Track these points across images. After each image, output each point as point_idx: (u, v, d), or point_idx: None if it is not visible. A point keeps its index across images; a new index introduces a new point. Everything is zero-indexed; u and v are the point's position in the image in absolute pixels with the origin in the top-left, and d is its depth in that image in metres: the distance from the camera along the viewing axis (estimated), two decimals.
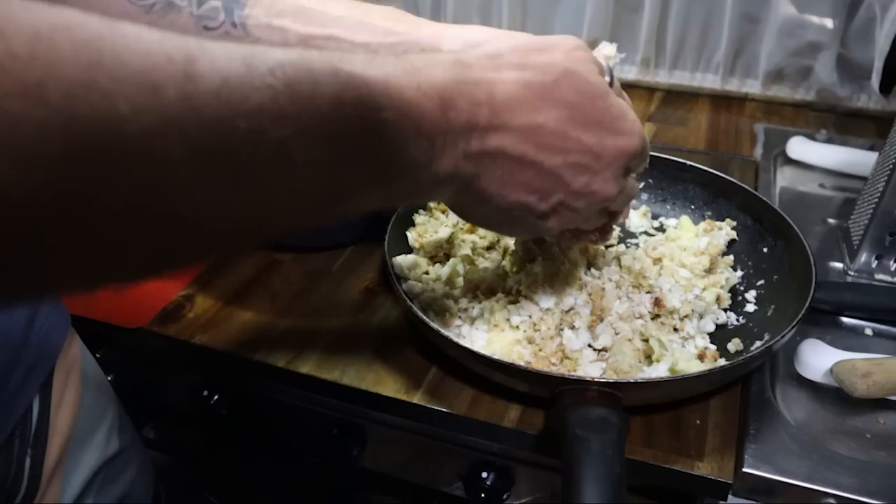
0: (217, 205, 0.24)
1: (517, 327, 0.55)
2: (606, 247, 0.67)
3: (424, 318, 0.53)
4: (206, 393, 0.69)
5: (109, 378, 0.71)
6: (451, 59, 0.35)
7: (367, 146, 0.30)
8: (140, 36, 0.21)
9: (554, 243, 0.60)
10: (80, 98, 0.19)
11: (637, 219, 0.72)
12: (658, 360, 0.53)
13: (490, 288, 0.59)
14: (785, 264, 0.61)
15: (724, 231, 0.67)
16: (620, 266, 0.60)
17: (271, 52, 0.26)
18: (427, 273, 0.63)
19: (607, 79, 0.43)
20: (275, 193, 0.26)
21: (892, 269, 0.66)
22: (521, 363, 0.52)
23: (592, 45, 0.52)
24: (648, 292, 0.59)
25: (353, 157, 0.29)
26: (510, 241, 0.63)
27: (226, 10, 0.44)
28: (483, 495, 0.59)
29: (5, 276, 0.20)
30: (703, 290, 0.61)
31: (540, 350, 0.54)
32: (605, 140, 0.40)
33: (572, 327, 0.55)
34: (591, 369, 0.53)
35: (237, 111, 0.23)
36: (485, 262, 0.64)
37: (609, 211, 0.47)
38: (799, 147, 0.84)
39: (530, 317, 0.55)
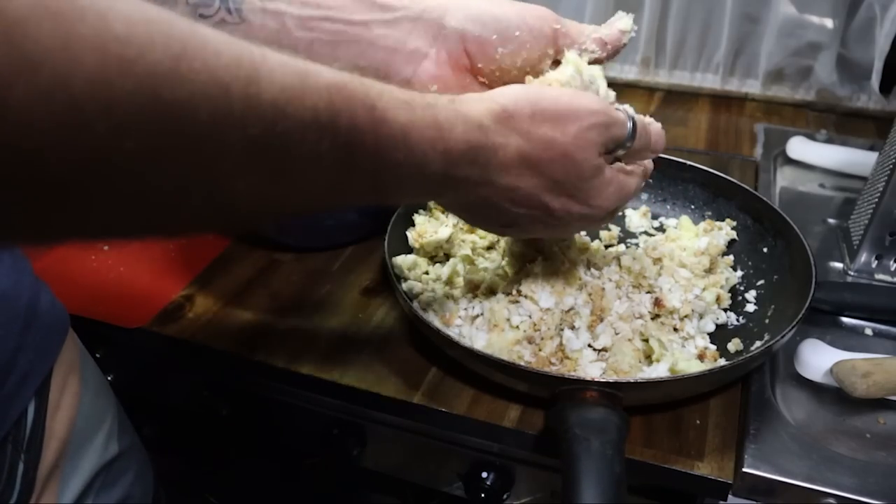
0: (250, 191, 0.28)
1: (517, 327, 0.55)
2: (606, 247, 0.67)
3: (424, 318, 0.53)
4: (206, 393, 0.69)
5: (109, 378, 0.71)
6: (476, 124, 0.39)
7: (378, 174, 0.35)
8: (215, 37, 0.25)
9: (553, 243, 0.60)
10: (162, 81, 0.22)
11: (637, 219, 0.72)
12: (658, 360, 0.53)
13: (490, 288, 0.59)
14: (785, 264, 0.61)
15: (724, 231, 0.67)
16: (620, 266, 0.60)
17: (322, 69, 0.30)
18: (427, 273, 0.63)
19: (629, 126, 0.45)
20: (298, 189, 0.31)
21: (892, 269, 0.66)
22: (521, 363, 0.52)
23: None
24: (648, 292, 0.59)
25: (366, 176, 0.34)
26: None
27: None
28: (483, 495, 0.59)
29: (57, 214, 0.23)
30: (703, 290, 0.61)
31: (540, 350, 0.54)
32: (571, 208, 0.45)
33: (572, 327, 0.55)
34: (591, 369, 0.53)
35: (288, 120, 0.27)
36: (485, 262, 0.64)
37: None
38: (799, 147, 0.84)
39: (530, 317, 0.55)
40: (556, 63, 0.50)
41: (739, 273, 0.65)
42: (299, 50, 0.46)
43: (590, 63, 0.49)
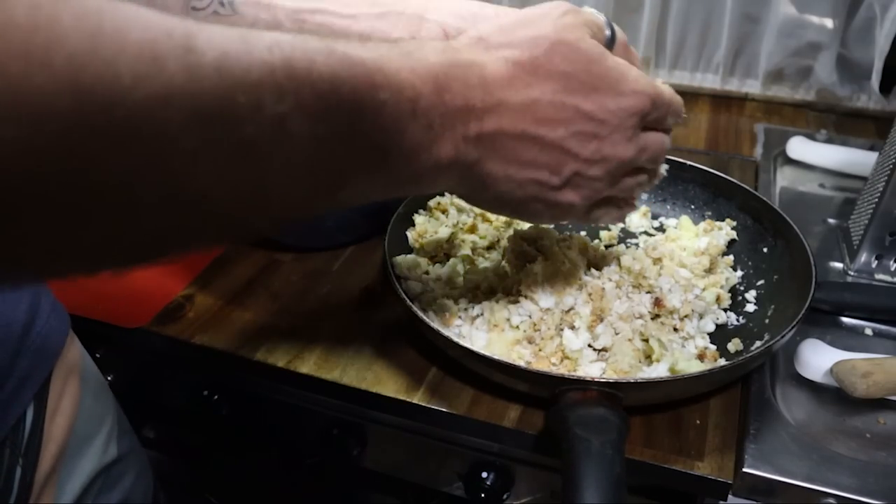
0: (218, 179, 0.25)
1: (517, 327, 0.55)
2: (606, 247, 0.67)
3: (424, 318, 0.53)
4: (206, 393, 0.69)
5: (109, 378, 0.71)
6: (441, 44, 0.36)
7: (365, 125, 0.30)
8: (138, 12, 0.22)
9: (553, 243, 0.60)
10: (83, 65, 0.19)
11: (637, 219, 0.72)
12: (658, 360, 0.53)
13: (490, 288, 0.59)
14: (785, 264, 0.61)
15: (724, 231, 0.67)
16: (620, 266, 0.60)
17: (267, 33, 0.26)
18: (427, 273, 0.63)
19: (607, 32, 0.43)
20: (275, 170, 0.27)
21: (892, 269, 0.66)
22: (521, 363, 0.52)
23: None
24: (648, 292, 0.59)
25: (352, 136, 0.30)
26: None
27: None
28: (483, 495, 0.59)
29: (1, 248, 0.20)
30: (703, 290, 0.61)
31: (540, 350, 0.54)
32: (607, 103, 0.39)
33: (572, 327, 0.55)
34: (591, 369, 0.53)
35: (237, 85, 0.24)
36: (485, 262, 0.64)
37: (643, 169, 0.46)
38: (799, 147, 0.84)
39: (530, 317, 0.55)
40: None
41: (739, 273, 0.65)
42: None
43: None
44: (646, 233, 0.71)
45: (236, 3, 0.45)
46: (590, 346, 0.55)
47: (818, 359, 0.54)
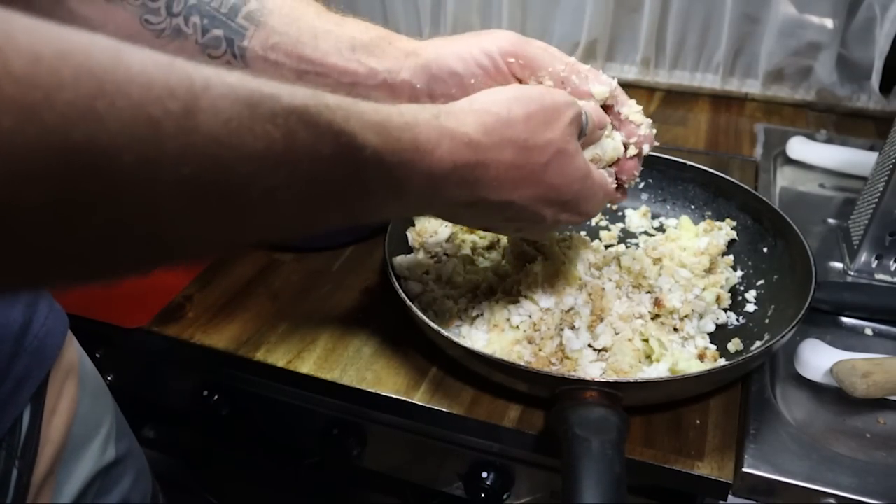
0: (199, 235, 0.25)
1: (517, 327, 0.55)
2: (606, 247, 0.67)
3: (424, 318, 0.53)
4: (206, 393, 0.69)
5: (109, 378, 0.71)
6: (466, 139, 0.37)
7: (350, 203, 0.32)
8: (145, 66, 0.22)
9: (553, 243, 0.60)
10: (76, 124, 0.19)
11: (637, 219, 0.72)
12: (658, 360, 0.53)
13: (490, 288, 0.59)
14: (785, 264, 0.61)
15: (724, 231, 0.67)
16: (620, 266, 0.60)
17: (279, 94, 0.26)
18: (427, 273, 0.63)
19: (584, 120, 0.45)
20: (255, 228, 0.28)
21: (892, 269, 0.66)
22: (521, 363, 0.52)
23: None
24: (648, 292, 0.59)
25: (335, 207, 0.31)
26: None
27: (227, 40, 0.46)
28: (483, 495, 0.59)
29: None
30: (703, 290, 0.61)
31: (540, 350, 0.54)
32: (561, 216, 0.46)
33: (572, 327, 0.55)
34: (591, 369, 0.53)
35: (234, 154, 0.24)
36: (485, 262, 0.64)
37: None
38: (799, 147, 0.84)
39: (530, 317, 0.55)
40: None
41: (739, 273, 0.65)
42: None
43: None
44: (646, 233, 0.71)
45: (247, 57, 0.46)
46: (590, 346, 0.55)
47: (818, 359, 0.54)
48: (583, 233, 0.69)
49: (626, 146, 0.51)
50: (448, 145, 0.36)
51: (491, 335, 0.55)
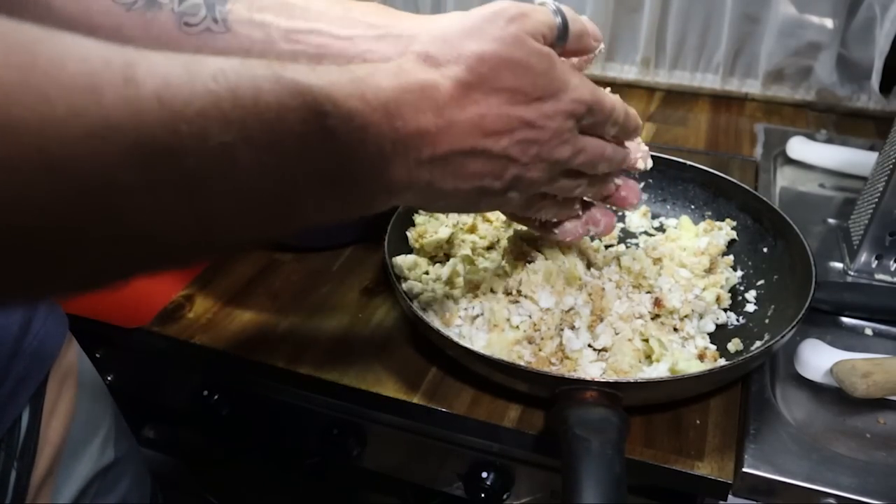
0: (164, 212, 0.24)
1: (517, 327, 0.55)
2: (606, 247, 0.67)
3: (424, 318, 0.53)
4: (206, 393, 0.69)
5: (109, 378, 0.71)
6: (394, 66, 0.36)
7: (314, 154, 0.30)
8: (76, 42, 0.21)
9: (553, 243, 0.60)
10: (13, 99, 0.19)
11: (637, 219, 0.72)
12: (658, 360, 0.53)
13: (490, 288, 0.59)
14: (785, 264, 0.61)
15: (724, 231, 0.67)
16: (620, 266, 0.60)
17: (211, 59, 0.26)
18: (427, 273, 0.63)
19: (558, 20, 0.42)
20: (223, 200, 0.26)
21: (892, 269, 0.66)
22: (521, 363, 0.52)
23: None
24: (648, 292, 0.59)
25: (301, 165, 0.29)
26: None
27: (207, 5, 0.44)
28: (483, 495, 0.59)
29: None
30: (703, 290, 0.61)
31: (540, 350, 0.54)
32: (545, 108, 0.41)
33: (572, 327, 0.55)
34: (591, 369, 0.53)
35: (179, 115, 0.23)
36: (485, 262, 0.64)
37: (582, 174, 0.47)
38: (799, 147, 0.84)
39: (530, 317, 0.55)
40: None
41: (739, 273, 0.65)
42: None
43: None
44: (646, 233, 0.71)
45: (230, 20, 0.44)
46: (590, 346, 0.55)
47: (818, 359, 0.54)
48: None
49: None
50: (383, 74, 0.34)
51: (491, 335, 0.55)
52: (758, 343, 0.55)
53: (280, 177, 0.28)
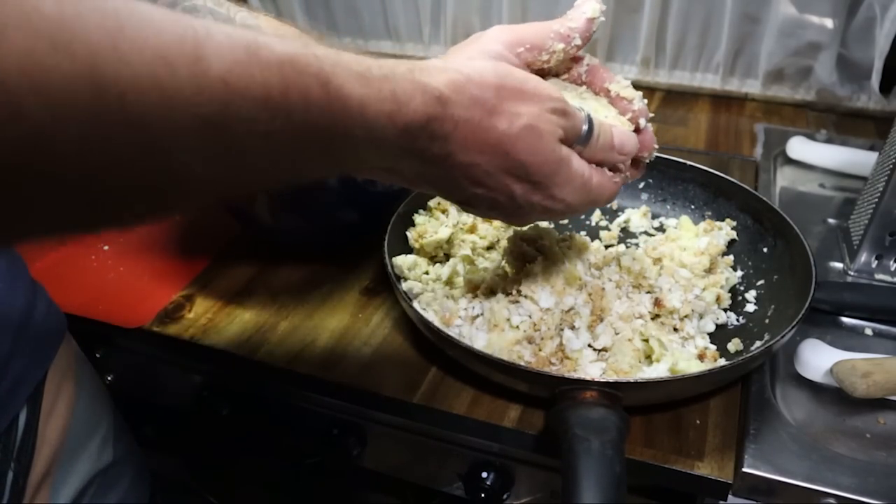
0: (205, 170, 0.27)
1: (517, 327, 0.55)
2: (606, 247, 0.67)
3: (424, 318, 0.53)
4: (206, 393, 0.69)
5: (109, 378, 0.71)
6: (437, 93, 0.37)
7: (335, 153, 0.33)
8: (153, 14, 0.24)
9: (553, 243, 0.60)
10: (104, 59, 0.21)
11: (637, 219, 0.72)
12: (658, 360, 0.53)
13: (490, 288, 0.59)
14: (785, 264, 0.61)
15: (724, 231, 0.67)
16: (620, 266, 0.60)
17: (271, 44, 0.28)
18: (427, 273, 0.63)
19: (584, 128, 0.44)
20: (251, 173, 0.30)
21: (892, 269, 0.66)
22: (521, 363, 0.52)
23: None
24: (648, 292, 0.59)
25: (322, 156, 0.33)
26: None
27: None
28: (483, 495, 0.59)
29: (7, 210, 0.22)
30: (703, 290, 0.61)
31: (540, 350, 0.54)
32: (532, 197, 0.43)
33: (572, 327, 0.55)
34: (591, 369, 0.53)
35: (239, 98, 0.26)
36: (485, 262, 0.64)
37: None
38: (799, 147, 0.84)
39: (530, 317, 0.55)
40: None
41: (739, 273, 0.65)
42: None
43: (563, 56, 0.48)
44: (646, 233, 0.71)
45: (236, 21, 0.46)
46: (590, 346, 0.55)
47: (818, 359, 0.54)
48: (583, 233, 0.69)
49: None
50: (421, 98, 0.36)
51: (491, 335, 0.55)
52: (758, 343, 0.55)
53: (310, 155, 0.32)
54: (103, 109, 0.21)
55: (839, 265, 0.68)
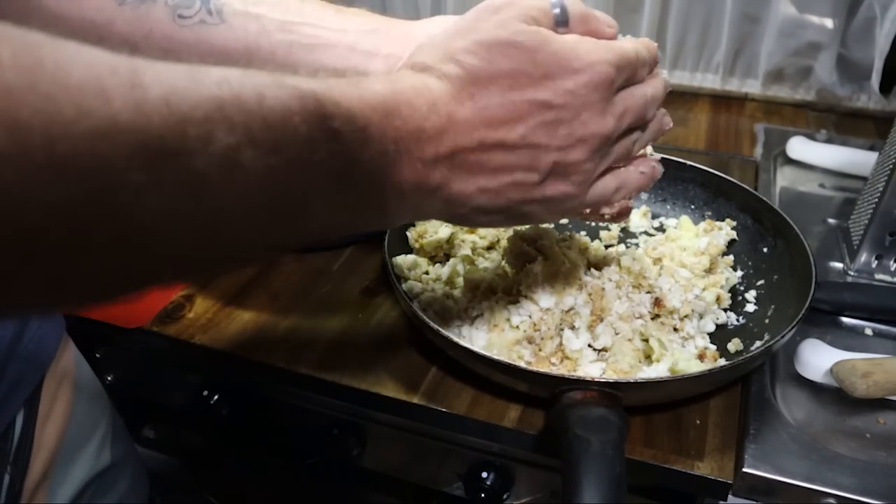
0: (171, 213, 0.24)
1: (517, 327, 0.55)
2: (606, 247, 0.67)
3: (424, 318, 0.53)
4: (206, 393, 0.69)
5: (109, 378, 0.71)
6: (386, 75, 0.36)
7: (318, 154, 0.29)
8: (81, 49, 0.21)
9: (553, 243, 0.60)
10: (20, 101, 0.19)
11: (637, 219, 0.72)
12: (658, 360, 0.53)
13: (490, 288, 0.59)
14: (785, 264, 0.61)
15: (724, 231, 0.67)
16: (620, 266, 0.60)
17: (214, 68, 0.26)
18: (427, 273, 0.63)
19: (556, 11, 0.40)
20: (229, 201, 0.26)
21: (892, 269, 0.66)
22: (521, 363, 0.52)
23: None
24: (648, 292, 0.59)
25: (307, 167, 0.29)
26: None
27: None
28: (483, 495, 0.59)
29: None
30: (703, 290, 0.61)
31: (540, 350, 0.54)
32: (563, 85, 0.37)
33: (572, 327, 0.55)
34: (591, 369, 0.53)
35: (187, 119, 0.23)
36: (485, 262, 0.64)
37: (632, 128, 0.44)
38: (799, 147, 0.84)
39: (530, 317, 0.55)
40: None
41: (739, 273, 0.65)
42: (278, 52, 0.46)
43: None
44: (646, 233, 0.71)
45: (225, 12, 0.45)
46: (590, 346, 0.55)
47: (818, 359, 0.54)
48: (583, 233, 0.69)
49: None
50: (381, 81, 0.34)
51: (491, 335, 0.55)
52: (758, 343, 0.55)
53: (286, 179, 0.28)
54: (24, 154, 0.19)
55: (839, 265, 0.68)
